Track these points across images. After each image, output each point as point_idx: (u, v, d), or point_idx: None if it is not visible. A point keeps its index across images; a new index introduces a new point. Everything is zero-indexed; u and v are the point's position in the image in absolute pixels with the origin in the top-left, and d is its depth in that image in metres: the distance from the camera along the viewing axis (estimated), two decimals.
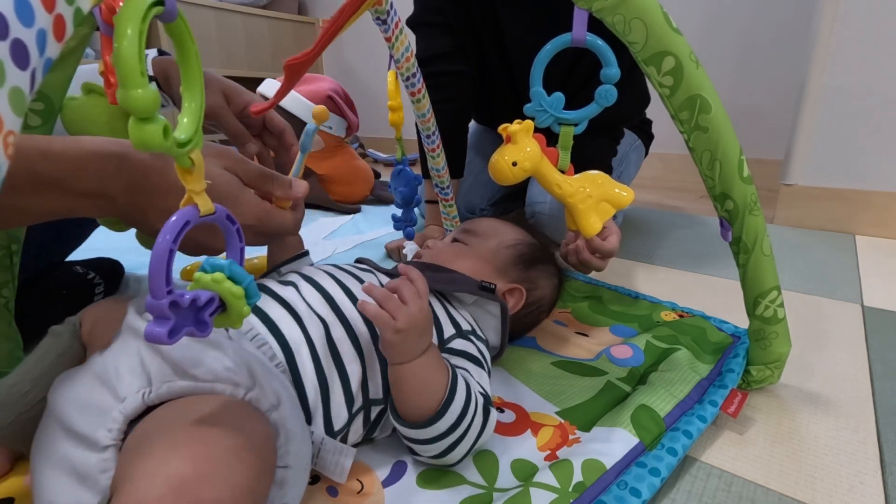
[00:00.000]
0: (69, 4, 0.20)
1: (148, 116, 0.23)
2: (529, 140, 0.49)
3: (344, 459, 0.39)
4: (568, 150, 0.51)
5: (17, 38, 0.17)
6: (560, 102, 0.47)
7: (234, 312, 0.30)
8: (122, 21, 0.21)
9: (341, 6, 0.50)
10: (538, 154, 0.49)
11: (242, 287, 0.29)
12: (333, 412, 0.41)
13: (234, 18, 2.29)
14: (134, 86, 0.22)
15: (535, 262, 0.61)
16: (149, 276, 0.26)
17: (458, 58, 0.98)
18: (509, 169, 0.48)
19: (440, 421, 0.39)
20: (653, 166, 1.69)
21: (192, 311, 0.28)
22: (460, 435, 0.40)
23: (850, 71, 1.11)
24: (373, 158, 2.38)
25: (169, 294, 0.27)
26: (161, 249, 0.26)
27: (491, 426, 0.43)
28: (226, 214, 0.31)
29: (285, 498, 0.33)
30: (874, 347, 0.66)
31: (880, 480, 0.44)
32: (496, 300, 0.52)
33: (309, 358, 0.40)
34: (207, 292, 0.29)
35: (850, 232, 1.18)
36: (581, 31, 0.42)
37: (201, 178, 0.29)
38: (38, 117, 0.46)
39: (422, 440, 0.41)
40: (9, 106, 0.17)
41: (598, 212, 0.51)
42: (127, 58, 0.21)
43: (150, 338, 0.26)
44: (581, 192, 0.50)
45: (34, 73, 0.18)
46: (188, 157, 0.27)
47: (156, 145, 0.24)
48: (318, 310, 0.44)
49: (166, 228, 0.27)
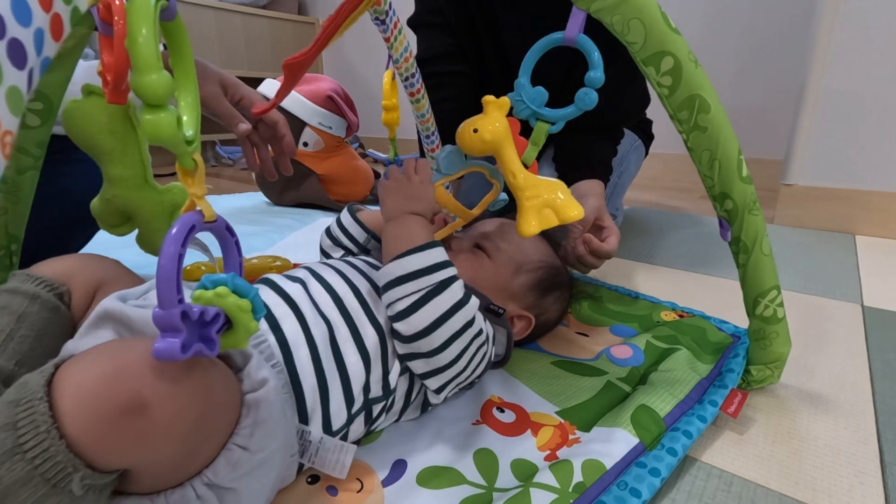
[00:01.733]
0: (66, 3, 0.20)
1: (161, 104, 0.22)
2: (500, 115, 0.48)
3: (344, 457, 0.39)
4: (538, 147, 0.49)
5: (15, 37, 0.17)
6: (541, 98, 0.46)
7: (240, 328, 0.28)
8: (135, 12, 0.21)
9: (339, 6, 0.50)
10: (503, 132, 0.48)
11: (248, 300, 0.28)
12: (332, 413, 0.41)
13: (234, 18, 2.29)
14: (149, 70, 0.21)
15: (551, 289, 0.59)
16: (156, 285, 0.25)
17: (458, 58, 0.98)
18: (470, 135, 0.47)
19: (412, 256, 0.43)
20: (653, 166, 1.69)
21: (197, 327, 0.27)
22: (429, 286, 0.42)
23: (850, 71, 1.11)
24: (373, 158, 2.38)
25: (180, 303, 0.25)
26: (169, 257, 0.25)
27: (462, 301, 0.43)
28: (225, 225, 0.30)
29: (238, 482, 0.31)
30: (874, 347, 0.66)
31: (880, 480, 0.44)
32: (503, 325, 0.51)
33: (308, 358, 0.40)
34: (214, 308, 0.27)
35: (850, 232, 1.18)
36: (574, 30, 0.41)
37: (202, 182, 0.28)
38: (36, 117, 0.46)
39: (392, 280, 0.43)
40: (6, 106, 0.17)
41: (539, 216, 0.48)
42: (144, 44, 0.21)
43: (160, 354, 0.25)
44: (533, 190, 0.48)
45: (32, 72, 0.18)
46: (192, 157, 0.27)
47: (170, 135, 0.23)
48: (326, 310, 0.44)
49: (172, 236, 0.26)
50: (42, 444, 0.24)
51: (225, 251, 0.31)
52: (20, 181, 0.49)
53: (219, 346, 0.27)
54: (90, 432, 0.25)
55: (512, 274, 0.56)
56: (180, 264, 0.26)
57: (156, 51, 0.21)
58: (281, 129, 0.67)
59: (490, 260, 0.56)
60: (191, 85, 0.27)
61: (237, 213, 1.36)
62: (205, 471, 0.30)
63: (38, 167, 0.50)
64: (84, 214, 0.48)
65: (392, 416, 0.47)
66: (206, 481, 0.30)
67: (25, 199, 0.50)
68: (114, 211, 0.50)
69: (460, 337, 0.43)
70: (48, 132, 0.47)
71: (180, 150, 0.25)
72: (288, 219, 1.29)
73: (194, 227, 0.27)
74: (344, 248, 0.59)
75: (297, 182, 1.41)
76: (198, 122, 0.27)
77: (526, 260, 0.57)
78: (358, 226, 0.59)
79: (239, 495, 0.31)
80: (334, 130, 1.40)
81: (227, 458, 0.30)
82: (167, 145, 0.24)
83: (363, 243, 0.59)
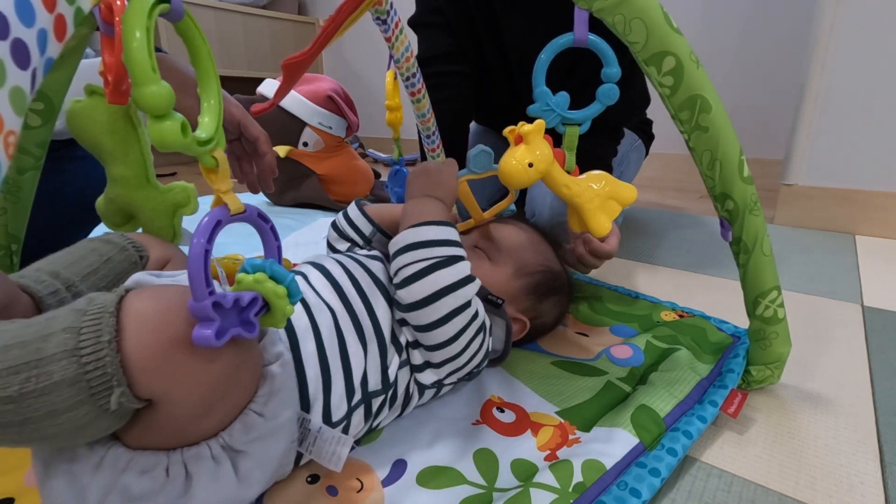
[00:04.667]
0: (70, 4, 0.20)
1: (163, 114, 0.23)
2: (542, 141, 0.48)
3: (340, 449, 0.39)
4: (573, 151, 0.50)
5: (18, 37, 0.17)
6: (566, 102, 0.47)
7: (278, 312, 0.30)
8: (129, 20, 0.21)
9: (339, 5, 0.50)
10: (550, 155, 0.48)
11: (284, 286, 0.30)
12: (333, 403, 0.41)
13: (234, 18, 2.29)
14: (147, 82, 0.22)
15: (549, 294, 0.59)
16: (188, 279, 0.27)
17: (458, 58, 0.98)
18: (525, 171, 0.46)
19: (428, 227, 0.45)
20: (653, 166, 1.69)
21: (236, 312, 0.29)
22: (437, 258, 0.43)
23: (850, 71, 1.11)
24: (373, 158, 2.38)
25: (210, 295, 0.27)
26: (197, 252, 0.26)
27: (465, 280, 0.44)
28: (257, 212, 0.31)
29: (250, 446, 0.33)
30: (874, 347, 0.66)
31: (880, 480, 0.44)
32: (501, 317, 0.51)
33: (314, 348, 0.41)
34: (250, 293, 0.29)
35: (850, 232, 1.18)
36: (582, 31, 0.42)
37: (227, 178, 0.29)
38: (38, 117, 0.46)
39: (404, 245, 0.45)
40: (10, 106, 0.17)
41: (605, 210, 0.50)
42: (138, 56, 0.21)
43: (198, 341, 0.27)
44: (588, 192, 0.49)
45: (35, 72, 0.18)
46: (212, 155, 0.27)
47: (175, 143, 0.24)
48: (328, 299, 0.44)
49: (199, 230, 0.27)
50: (99, 353, 0.26)
51: (263, 238, 0.33)
52: (21, 181, 0.49)
53: (258, 328, 0.29)
54: (142, 354, 0.27)
55: (510, 276, 0.56)
56: (208, 258, 0.27)
57: (148, 62, 0.21)
58: (262, 147, 0.65)
59: (489, 261, 0.56)
60: (212, 86, 0.27)
61: None
62: (221, 433, 0.32)
63: (39, 167, 0.50)
64: (82, 211, 0.48)
65: (394, 413, 0.47)
66: (222, 443, 0.32)
67: (26, 199, 0.50)
68: (117, 210, 0.50)
69: (459, 315, 0.44)
70: (49, 132, 0.47)
71: (193, 152, 0.25)
72: (288, 219, 1.29)
73: (220, 221, 0.28)
74: (350, 240, 0.59)
75: (297, 182, 1.41)
76: (218, 122, 0.27)
77: (525, 263, 0.57)
78: (364, 218, 0.59)
79: (248, 459, 0.33)
80: (334, 130, 1.40)
81: (243, 421, 0.33)
82: (178, 150, 0.24)
83: (369, 236, 0.59)
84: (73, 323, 0.27)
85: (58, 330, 0.26)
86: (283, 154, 1.34)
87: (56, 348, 0.26)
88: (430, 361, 0.47)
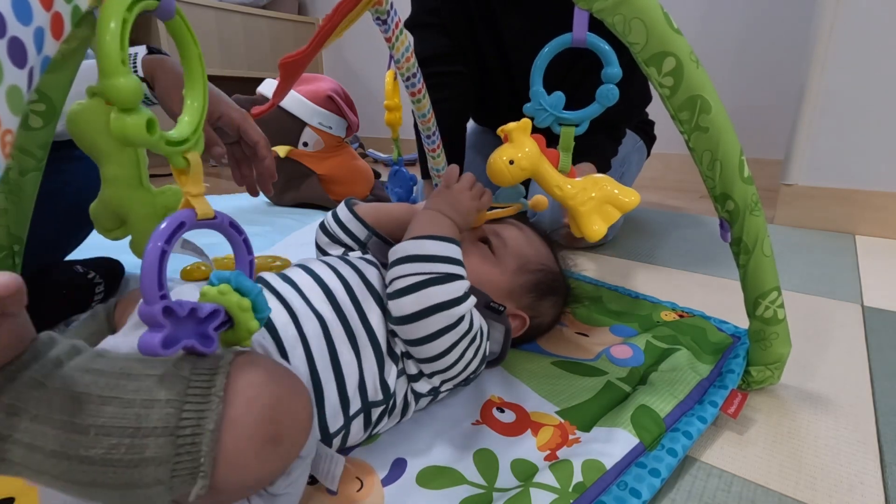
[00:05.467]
0: (67, 2, 0.20)
1: (130, 107, 0.22)
2: (527, 139, 0.48)
3: (335, 468, 0.39)
4: (569, 152, 0.49)
5: (15, 35, 0.17)
6: (560, 102, 0.47)
7: (241, 327, 0.28)
8: (107, 10, 0.21)
9: (336, 5, 0.50)
10: (537, 153, 0.48)
11: (250, 299, 0.28)
12: (328, 414, 0.40)
13: (234, 18, 2.29)
14: (114, 74, 0.21)
15: (549, 294, 0.59)
16: (140, 280, 0.25)
17: (456, 58, 0.98)
18: (507, 168, 0.47)
19: (432, 241, 0.44)
20: (653, 166, 1.69)
21: (192, 323, 0.26)
22: (434, 274, 0.43)
23: (850, 71, 1.11)
24: (373, 158, 2.38)
25: (162, 299, 0.25)
26: (152, 253, 0.25)
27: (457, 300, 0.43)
28: (229, 221, 0.30)
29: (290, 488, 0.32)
30: (874, 347, 0.66)
31: (880, 480, 0.44)
32: (502, 322, 0.51)
33: (303, 358, 0.40)
34: (210, 304, 0.27)
35: (850, 232, 1.18)
36: (581, 31, 0.41)
37: (199, 181, 0.28)
38: (39, 119, 0.46)
39: (403, 256, 0.44)
40: (6, 105, 0.17)
41: (601, 215, 0.49)
42: (108, 47, 0.21)
43: (143, 348, 0.24)
44: (583, 195, 0.48)
45: (32, 71, 0.18)
46: (183, 156, 0.26)
47: (137, 138, 0.23)
48: (318, 306, 0.43)
49: (159, 231, 0.26)
50: (196, 438, 0.24)
51: (234, 250, 0.31)
52: (23, 182, 0.49)
53: (217, 343, 0.27)
54: (239, 448, 0.25)
55: (513, 272, 0.55)
56: (164, 260, 0.25)
57: (119, 54, 0.21)
58: (261, 151, 0.64)
59: (494, 255, 0.56)
60: (198, 87, 0.26)
61: (237, 213, 1.36)
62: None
63: (41, 168, 0.50)
64: (82, 211, 0.47)
65: (393, 421, 0.47)
66: (261, 492, 0.30)
67: (28, 200, 0.50)
68: (110, 214, 0.50)
69: (449, 332, 0.43)
70: (51, 134, 0.47)
71: (160, 150, 0.25)
72: (288, 219, 1.29)
73: (183, 224, 0.27)
74: (343, 245, 0.57)
75: (297, 182, 1.41)
76: (198, 124, 0.26)
77: (528, 261, 0.57)
78: (357, 222, 0.56)
79: (285, 499, 0.33)
80: (334, 130, 1.40)
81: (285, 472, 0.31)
82: (140, 146, 0.24)
83: (364, 240, 0.57)
84: (176, 395, 0.24)
85: (161, 399, 0.24)
86: (283, 154, 1.34)
87: (159, 422, 0.23)
88: (423, 371, 0.46)
